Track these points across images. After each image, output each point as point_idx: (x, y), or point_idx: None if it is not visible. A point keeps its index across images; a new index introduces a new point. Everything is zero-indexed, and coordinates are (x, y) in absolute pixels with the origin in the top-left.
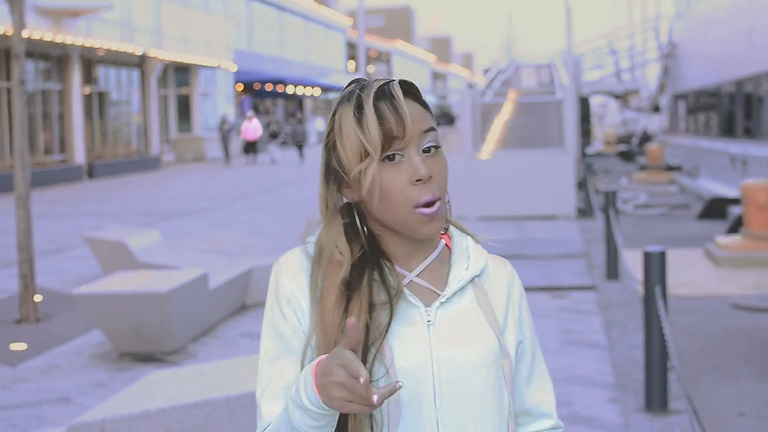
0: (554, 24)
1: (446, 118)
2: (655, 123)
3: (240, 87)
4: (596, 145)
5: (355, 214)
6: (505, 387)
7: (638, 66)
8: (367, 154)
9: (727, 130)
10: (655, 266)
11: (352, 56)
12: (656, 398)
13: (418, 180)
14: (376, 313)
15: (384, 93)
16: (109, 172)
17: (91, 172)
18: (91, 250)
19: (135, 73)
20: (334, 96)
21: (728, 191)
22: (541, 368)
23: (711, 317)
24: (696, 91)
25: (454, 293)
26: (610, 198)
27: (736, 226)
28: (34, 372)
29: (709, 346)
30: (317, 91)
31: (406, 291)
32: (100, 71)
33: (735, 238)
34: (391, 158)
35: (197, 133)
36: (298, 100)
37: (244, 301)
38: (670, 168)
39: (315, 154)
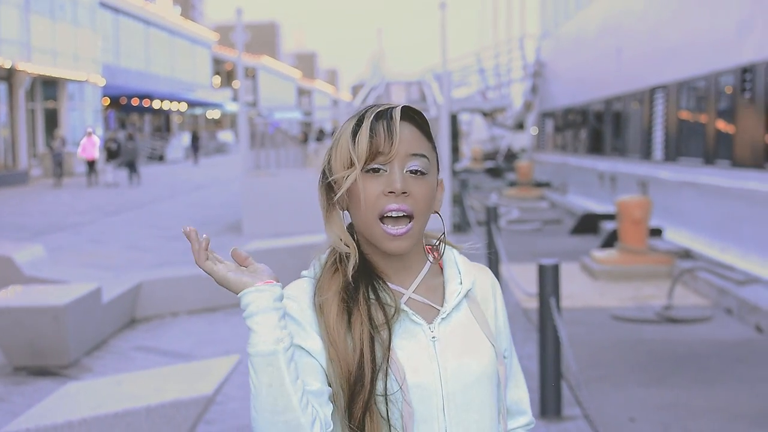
0: (418, 42)
1: (320, 134)
2: (519, 140)
3: (106, 101)
4: (464, 162)
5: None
6: (500, 391)
7: (505, 84)
8: (353, 163)
9: (596, 148)
10: (549, 278)
11: (217, 71)
12: (550, 405)
13: (390, 192)
14: (377, 332)
15: (384, 114)
16: None
17: None
18: None
19: (2, 87)
20: (200, 111)
21: (598, 207)
22: (517, 368)
23: (594, 328)
24: (564, 110)
25: (453, 308)
26: (491, 213)
27: (610, 241)
28: None
29: (594, 356)
30: (184, 106)
31: (409, 309)
32: None
33: (611, 252)
34: (375, 171)
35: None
36: (165, 115)
37: (133, 315)
38: (539, 184)
39: (160, 172)
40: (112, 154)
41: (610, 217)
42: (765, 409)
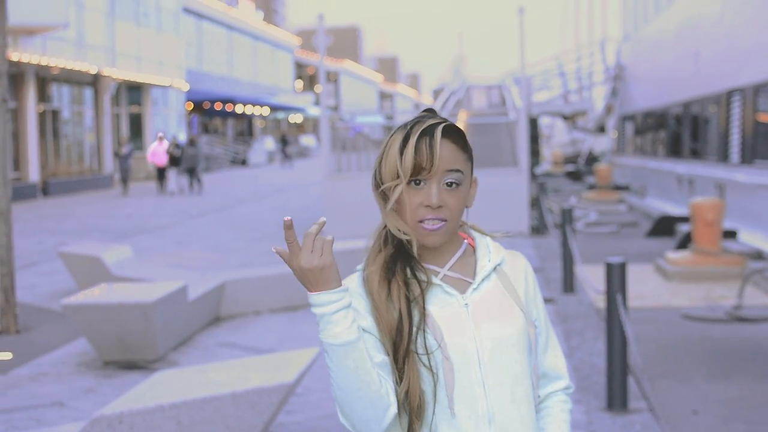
0: (499, 45)
1: None
2: (601, 143)
3: (190, 106)
4: (545, 165)
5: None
6: (532, 351)
7: (586, 88)
8: (398, 175)
9: (674, 151)
10: (616, 276)
11: (300, 75)
12: (617, 398)
13: (427, 205)
14: (414, 302)
15: (427, 131)
16: (63, 190)
17: (46, 189)
18: (65, 264)
19: (88, 92)
20: (282, 115)
21: (676, 210)
22: (554, 339)
23: (664, 327)
24: (644, 113)
25: (483, 280)
26: (566, 215)
27: (684, 243)
28: (24, 379)
29: (663, 353)
30: (266, 110)
31: (443, 284)
32: (54, 89)
33: (684, 254)
34: (417, 183)
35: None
36: (247, 119)
37: (218, 312)
38: (618, 187)
39: (243, 176)
40: (174, 161)
41: (685, 219)
42: None
